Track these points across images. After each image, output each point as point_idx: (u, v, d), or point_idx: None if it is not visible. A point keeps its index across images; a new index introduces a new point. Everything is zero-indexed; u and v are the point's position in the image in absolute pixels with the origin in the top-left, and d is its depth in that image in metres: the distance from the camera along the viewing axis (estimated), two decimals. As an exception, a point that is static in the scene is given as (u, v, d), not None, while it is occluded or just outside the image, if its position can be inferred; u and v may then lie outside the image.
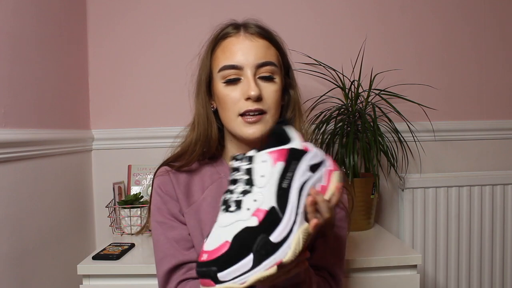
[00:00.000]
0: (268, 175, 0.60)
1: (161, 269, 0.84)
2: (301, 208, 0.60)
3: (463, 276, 1.61)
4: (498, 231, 1.61)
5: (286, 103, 0.89)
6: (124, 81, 1.61)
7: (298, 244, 0.56)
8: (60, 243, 1.34)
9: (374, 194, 1.43)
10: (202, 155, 0.88)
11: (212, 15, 1.57)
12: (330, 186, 0.65)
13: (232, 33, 0.83)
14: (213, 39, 0.86)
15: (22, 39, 1.16)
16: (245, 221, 0.56)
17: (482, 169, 1.66)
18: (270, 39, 0.85)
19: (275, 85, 0.82)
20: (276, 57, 0.84)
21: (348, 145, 1.36)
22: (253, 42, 0.82)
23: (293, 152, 0.63)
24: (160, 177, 0.89)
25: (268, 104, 0.81)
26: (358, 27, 1.62)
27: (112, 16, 1.60)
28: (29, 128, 1.19)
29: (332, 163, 0.68)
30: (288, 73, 0.90)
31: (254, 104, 0.79)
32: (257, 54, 0.81)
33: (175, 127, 1.61)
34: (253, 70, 0.80)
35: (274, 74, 0.82)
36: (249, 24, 0.85)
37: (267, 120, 0.81)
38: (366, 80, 1.53)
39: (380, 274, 1.16)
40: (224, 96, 0.82)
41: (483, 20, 1.66)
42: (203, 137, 0.86)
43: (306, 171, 0.63)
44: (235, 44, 0.82)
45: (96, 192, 1.61)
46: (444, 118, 1.64)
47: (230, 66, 0.81)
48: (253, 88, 0.78)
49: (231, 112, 0.81)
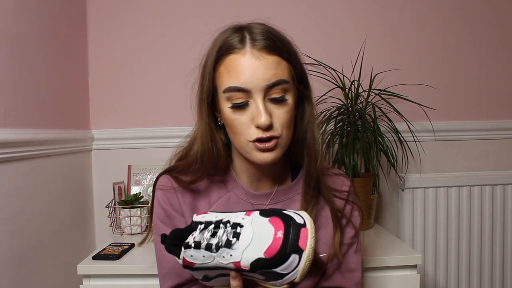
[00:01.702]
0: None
1: (164, 284, 0.83)
2: None
3: (463, 276, 1.61)
4: (498, 231, 1.61)
5: (300, 114, 0.82)
6: (124, 81, 1.61)
7: None
8: (60, 243, 1.34)
9: (374, 194, 1.43)
10: (212, 170, 0.83)
11: (213, 15, 1.57)
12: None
13: (237, 49, 0.73)
14: (216, 52, 0.76)
15: (22, 39, 1.16)
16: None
17: (482, 169, 1.66)
18: (281, 52, 0.75)
19: (286, 106, 0.75)
20: (288, 71, 0.76)
21: (348, 145, 1.36)
22: (261, 61, 0.72)
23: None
24: (164, 190, 0.84)
25: (280, 128, 0.75)
26: (358, 27, 1.62)
27: (112, 16, 1.60)
28: (29, 128, 1.19)
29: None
30: (301, 79, 0.81)
31: (265, 132, 0.73)
32: (267, 74, 0.72)
33: (175, 127, 1.62)
34: (262, 93, 0.72)
35: (285, 93, 0.75)
36: (256, 35, 0.74)
37: (280, 143, 0.75)
38: (366, 80, 1.53)
39: (380, 274, 1.16)
40: (232, 120, 0.75)
41: (483, 20, 1.66)
42: (207, 156, 0.81)
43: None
44: (240, 62, 0.73)
45: (96, 192, 1.61)
46: (444, 118, 1.64)
47: (236, 89, 0.73)
48: (263, 117, 0.71)
49: (241, 137, 0.75)
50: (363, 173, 1.49)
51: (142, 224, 1.44)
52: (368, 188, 1.41)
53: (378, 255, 1.17)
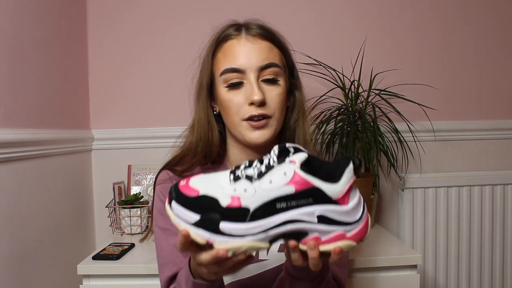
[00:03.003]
0: (275, 186, 0.55)
1: (163, 274, 0.84)
2: (272, 232, 0.55)
3: (463, 276, 1.61)
4: (498, 231, 1.61)
5: (291, 104, 0.87)
6: (124, 81, 1.61)
7: (235, 248, 0.54)
8: (60, 243, 1.34)
9: (374, 194, 1.43)
10: (204, 159, 0.86)
11: (213, 15, 1.56)
12: (326, 246, 0.56)
13: (233, 35, 0.81)
14: (214, 42, 0.84)
15: (22, 39, 1.16)
16: (222, 198, 0.56)
17: (482, 169, 1.66)
18: (273, 39, 0.82)
19: (279, 88, 0.81)
20: (280, 58, 0.83)
21: (348, 145, 1.36)
22: (255, 44, 0.80)
23: (316, 192, 0.55)
24: (163, 183, 0.87)
25: (273, 108, 0.80)
26: (358, 27, 1.62)
27: (112, 16, 1.60)
28: (29, 128, 1.19)
29: (358, 233, 0.57)
30: (292, 73, 0.88)
31: (258, 109, 0.78)
32: (260, 56, 0.79)
33: (175, 127, 1.62)
34: (256, 74, 0.79)
35: (277, 76, 0.81)
36: (251, 25, 0.82)
37: (272, 124, 0.80)
38: (366, 80, 1.53)
39: (380, 274, 1.16)
40: (227, 101, 0.80)
41: (483, 20, 1.66)
42: (203, 142, 0.85)
43: (311, 215, 0.55)
44: (236, 46, 0.80)
45: (96, 192, 1.61)
46: (444, 118, 1.64)
47: (232, 70, 0.79)
48: (256, 93, 0.77)
49: (235, 117, 0.80)
50: (363, 173, 1.49)
51: (142, 224, 1.44)
52: (368, 188, 1.41)
53: (378, 255, 1.17)
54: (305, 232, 0.56)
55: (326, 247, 0.56)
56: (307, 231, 0.56)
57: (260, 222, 0.55)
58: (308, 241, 0.56)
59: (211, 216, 0.55)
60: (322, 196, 0.55)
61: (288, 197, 0.54)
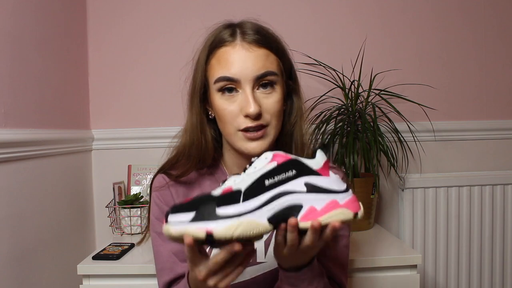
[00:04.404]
0: (259, 168, 0.61)
1: (161, 279, 0.84)
2: (267, 207, 0.59)
3: (463, 276, 1.61)
4: (498, 231, 1.61)
5: (288, 108, 0.85)
6: (124, 81, 1.61)
7: (234, 228, 0.56)
8: (60, 243, 1.34)
9: (374, 194, 1.43)
10: (199, 164, 0.84)
11: (213, 15, 1.55)
12: (325, 216, 0.59)
13: (228, 42, 0.77)
14: (208, 46, 0.80)
15: (22, 39, 1.16)
16: (214, 192, 0.60)
17: (482, 169, 1.66)
18: (270, 45, 0.78)
19: (275, 95, 0.77)
20: (277, 64, 0.79)
21: (348, 145, 1.36)
22: (250, 53, 0.75)
23: (296, 163, 0.61)
24: (158, 188, 0.86)
25: (269, 117, 0.77)
26: (358, 27, 1.62)
27: (112, 16, 1.60)
28: (29, 128, 1.19)
29: (350, 203, 0.61)
30: (290, 75, 0.84)
31: (254, 121, 0.75)
32: (255, 65, 0.75)
33: (175, 127, 1.59)
34: (251, 84, 0.75)
35: (274, 84, 0.78)
36: (246, 30, 0.78)
37: (268, 133, 0.77)
38: (366, 80, 1.53)
39: (380, 274, 1.16)
40: (221, 109, 0.77)
41: (483, 20, 1.66)
42: (196, 147, 0.83)
43: (299, 185, 0.60)
44: (231, 54, 0.76)
45: (96, 192, 1.61)
46: (444, 118, 1.64)
47: (226, 78, 0.75)
48: (251, 105, 0.74)
49: (230, 126, 0.77)
50: (363, 173, 1.49)
51: (142, 224, 1.44)
52: (368, 188, 1.41)
53: (378, 255, 1.17)
54: (299, 205, 0.59)
55: (325, 217, 0.59)
56: (301, 204, 0.59)
57: (253, 200, 0.58)
58: (306, 215, 0.59)
59: (206, 206, 0.57)
60: (304, 167, 0.61)
61: (273, 171, 0.59)
